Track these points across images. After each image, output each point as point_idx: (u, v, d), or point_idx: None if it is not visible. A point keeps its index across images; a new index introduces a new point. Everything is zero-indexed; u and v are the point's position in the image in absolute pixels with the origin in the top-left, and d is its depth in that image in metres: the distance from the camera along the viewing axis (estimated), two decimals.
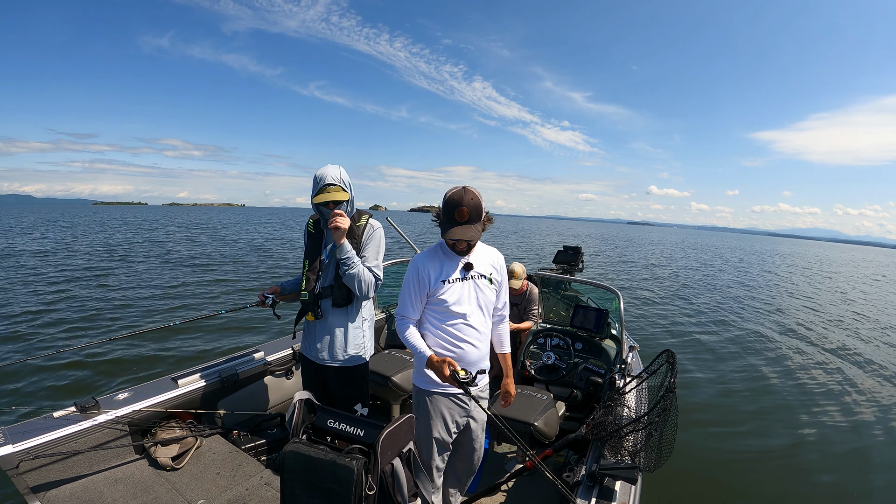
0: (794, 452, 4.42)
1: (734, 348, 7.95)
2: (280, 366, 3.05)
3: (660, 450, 1.93)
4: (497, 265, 2.03)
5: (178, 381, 2.57)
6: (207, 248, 19.60)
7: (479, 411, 2.05)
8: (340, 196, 2.10)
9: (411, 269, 1.95)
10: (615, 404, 2.45)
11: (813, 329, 10.05)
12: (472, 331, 1.95)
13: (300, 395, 1.82)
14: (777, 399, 5.75)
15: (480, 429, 2.12)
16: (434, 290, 1.91)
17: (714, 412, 5.22)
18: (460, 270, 1.93)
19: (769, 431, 4.84)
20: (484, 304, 1.98)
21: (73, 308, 8.31)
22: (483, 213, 1.83)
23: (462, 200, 1.78)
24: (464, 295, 1.93)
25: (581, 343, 3.57)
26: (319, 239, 2.29)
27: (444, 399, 1.96)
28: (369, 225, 2.27)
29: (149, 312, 8.19)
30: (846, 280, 23.81)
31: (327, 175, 2.10)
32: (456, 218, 1.79)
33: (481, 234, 1.86)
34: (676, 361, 2.16)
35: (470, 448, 2.13)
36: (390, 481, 1.66)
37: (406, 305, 1.96)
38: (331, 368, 2.29)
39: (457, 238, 1.81)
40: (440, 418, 1.97)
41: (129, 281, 11.08)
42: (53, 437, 2.02)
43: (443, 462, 2.06)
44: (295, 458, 1.61)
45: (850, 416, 5.37)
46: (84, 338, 6.66)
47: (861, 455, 4.46)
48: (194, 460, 2.34)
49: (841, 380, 6.67)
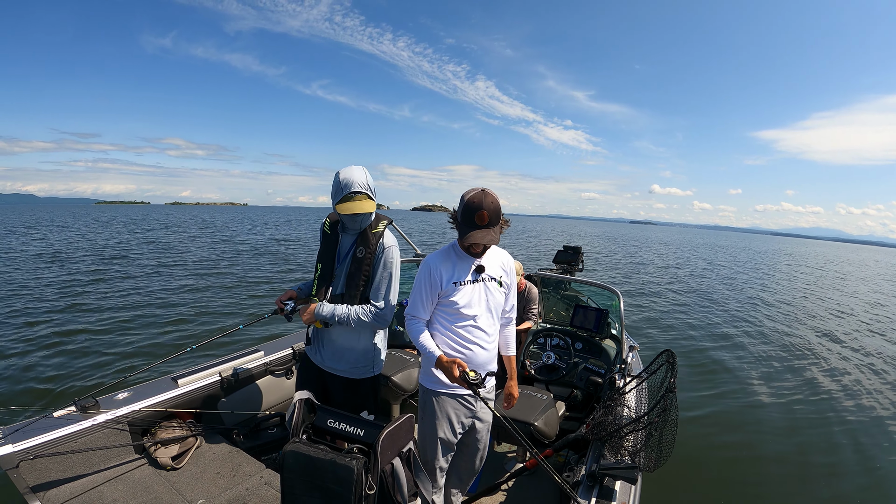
0: (798, 455, 4.38)
1: (760, 350, 7.90)
2: (280, 365, 3.05)
3: (660, 450, 1.93)
4: (507, 268, 2.02)
5: (178, 381, 2.57)
6: (213, 250, 19.37)
7: (485, 412, 2.05)
8: (368, 207, 2.01)
9: (423, 270, 1.93)
10: (615, 404, 2.45)
11: (837, 331, 9.98)
12: (482, 333, 1.95)
13: (300, 395, 1.82)
14: (788, 402, 5.69)
15: (486, 430, 2.12)
16: (445, 291, 1.90)
17: (718, 412, 5.21)
18: (472, 273, 1.92)
19: (772, 434, 4.81)
20: (493, 306, 1.97)
21: (78, 313, 8.29)
22: (501, 216, 1.83)
23: (483, 204, 1.77)
24: (475, 297, 1.92)
25: (581, 343, 3.58)
26: (334, 243, 2.20)
27: (450, 400, 1.96)
28: (383, 242, 2.13)
29: (158, 323, 7.85)
30: (864, 281, 23.62)
31: (354, 181, 1.98)
32: (476, 221, 1.78)
33: (500, 237, 1.86)
34: (676, 361, 2.16)
35: (474, 449, 2.13)
36: (390, 481, 1.67)
37: (417, 306, 1.95)
38: (337, 378, 2.21)
39: (478, 242, 1.80)
40: (446, 419, 1.96)
41: (129, 287, 10.93)
42: (53, 436, 2.02)
43: (446, 462, 2.05)
44: (295, 458, 1.62)
45: (862, 419, 5.30)
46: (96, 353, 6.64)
47: (867, 461, 4.37)
48: (194, 460, 2.35)
49: (853, 381, 6.62)
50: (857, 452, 4.51)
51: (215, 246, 21.40)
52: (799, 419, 5.20)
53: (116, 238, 24.02)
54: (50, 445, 2.00)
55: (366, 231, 2.12)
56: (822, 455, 4.42)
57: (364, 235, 2.12)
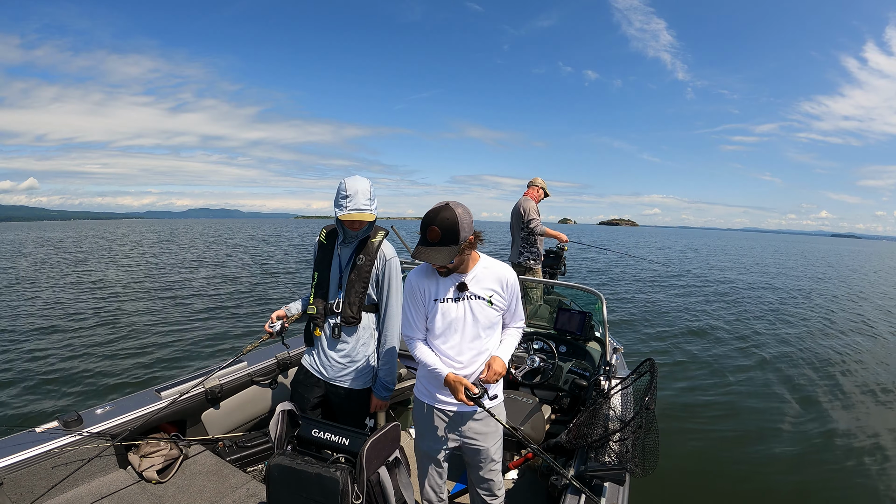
0: (798, 462, 4.28)
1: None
2: (264, 375, 3.04)
3: (644, 456, 1.97)
4: (503, 284, 1.85)
5: (162, 394, 2.55)
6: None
7: (481, 425, 1.92)
8: (369, 216, 2.05)
9: (407, 288, 1.89)
10: (599, 407, 2.49)
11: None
12: (463, 352, 1.84)
13: (283, 406, 1.82)
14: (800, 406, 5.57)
15: (489, 443, 1.96)
16: (428, 309, 1.84)
17: (732, 414, 5.21)
18: (454, 290, 1.81)
19: (778, 435, 4.78)
20: (480, 326, 1.83)
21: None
22: (461, 236, 1.65)
23: (435, 219, 1.65)
24: (457, 316, 1.81)
25: (565, 346, 3.62)
26: (330, 251, 2.22)
27: (444, 413, 1.90)
28: (383, 253, 2.16)
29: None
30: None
31: (357, 190, 2.02)
32: (427, 237, 1.67)
33: (457, 258, 1.70)
34: (657, 372, 2.16)
35: (476, 466, 1.99)
36: (377, 490, 1.69)
37: (409, 325, 1.89)
38: (341, 389, 2.22)
39: (421, 260, 1.69)
40: (442, 432, 1.91)
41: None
42: (36, 452, 2.00)
43: (441, 479, 2.00)
44: (280, 471, 1.63)
45: (868, 433, 4.98)
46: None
47: (870, 475, 4.14)
48: (180, 473, 2.33)
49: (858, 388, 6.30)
50: (865, 473, 4.11)
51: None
52: (812, 426, 4.97)
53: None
54: (32, 461, 1.97)
55: (366, 240, 2.17)
56: (824, 469, 4.19)
57: (364, 244, 2.16)
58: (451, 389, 1.76)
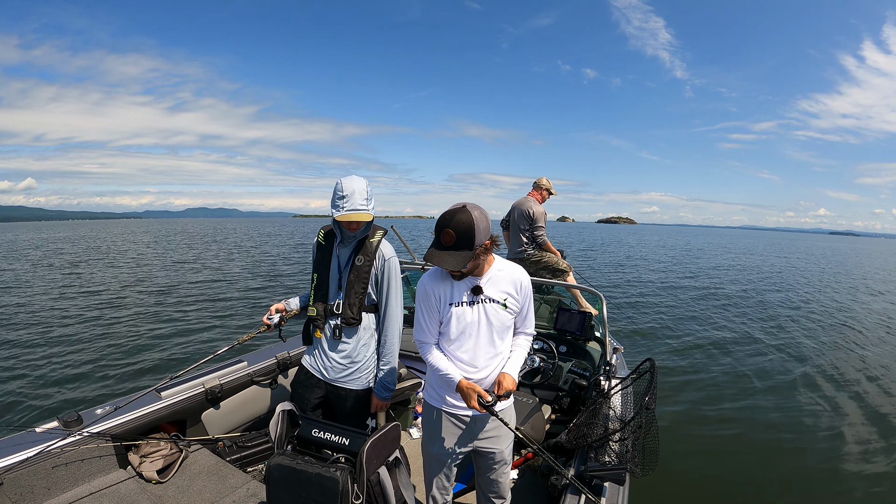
0: (799, 463, 4.26)
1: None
2: (264, 375, 3.04)
3: (644, 456, 1.97)
4: (517, 287, 1.81)
5: (162, 394, 2.55)
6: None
7: (491, 430, 1.91)
8: (366, 216, 2.03)
9: (420, 292, 1.85)
10: (599, 407, 2.49)
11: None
12: (478, 356, 1.81)
13: (283, 406, 1.82)
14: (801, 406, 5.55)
15: (499, 448, 1.94)
16: (442, 314, 1.79)
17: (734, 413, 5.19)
18: (468, 294, 1.76)
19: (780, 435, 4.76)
20: (494, 329, 1.80)
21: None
22: (477, 240, 1.61)
23: (451, 222, 1.60)
24: (472, 320, 1.77)
25: (565, 346, 3.62)
26: (329, 252, 2.21)
27: (454, 418, 1.88)
28: (381, 253, 2.15)
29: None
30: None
31: (354, 190, 2.00)
32: (441, 240, 1.62)
33: (471, 263, 1.66)
34: (657, 371, 2.16)
35: (487, 469, 1.98)
36: (377, 489, 1.69)
37: (422, 329, 1.85)
38: (342, 389, 2.20)
39: (434, 264, 1.65)
40: (453, 437, 1.89)
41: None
42: (36, 452, 1.99)
43: (448, 482, 1.98)
44: (280, 471, 1.63)
45: (873, 435, 4.90)
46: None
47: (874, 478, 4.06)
48: (180, 473, 2.33)
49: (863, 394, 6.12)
50: (869, 476, 4.03)
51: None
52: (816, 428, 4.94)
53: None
54: (32, 462, 1.97)
55: (364, 240, 2.16)
56: (830, 470, 4.16)
57: (363, 244, 2.15)
58: (463, 396, 1.73)
